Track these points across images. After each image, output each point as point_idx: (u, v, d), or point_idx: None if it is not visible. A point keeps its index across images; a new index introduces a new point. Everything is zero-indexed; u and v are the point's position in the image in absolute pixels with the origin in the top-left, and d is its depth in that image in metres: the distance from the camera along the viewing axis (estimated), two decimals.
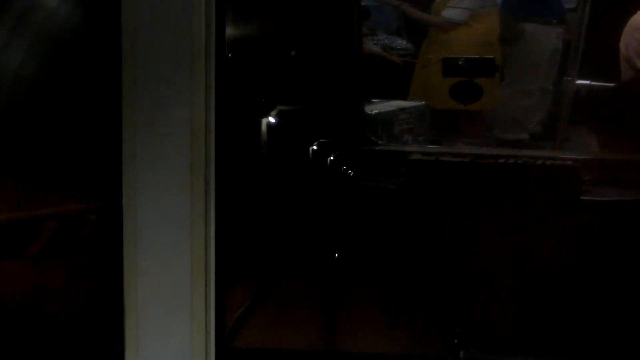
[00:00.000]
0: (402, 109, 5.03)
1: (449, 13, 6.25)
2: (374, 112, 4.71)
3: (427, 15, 6.48)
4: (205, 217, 2.30)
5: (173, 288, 2.31)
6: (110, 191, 2.37)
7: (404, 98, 5.56)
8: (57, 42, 3.10)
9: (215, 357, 2.35)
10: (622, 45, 4.39)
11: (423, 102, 5.37)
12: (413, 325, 3.54)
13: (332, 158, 3.67)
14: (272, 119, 3.70)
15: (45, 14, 3.15)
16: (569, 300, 3.48)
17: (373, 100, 5.00)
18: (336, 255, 3.62)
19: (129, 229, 2.30)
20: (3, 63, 3.02)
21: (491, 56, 5.27)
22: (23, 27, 3.04)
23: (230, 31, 2.71)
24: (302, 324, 3.54)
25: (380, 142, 3.99)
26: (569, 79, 5.60)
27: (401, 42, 7.15)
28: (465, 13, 6.23)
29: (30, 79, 3.06)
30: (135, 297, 2.31)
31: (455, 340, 2.76)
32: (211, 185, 2.31)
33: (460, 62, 4.59)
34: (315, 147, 3.63)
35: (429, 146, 5.00)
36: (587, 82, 5.26)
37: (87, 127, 2.97)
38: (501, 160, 3.65)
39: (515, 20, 6.49)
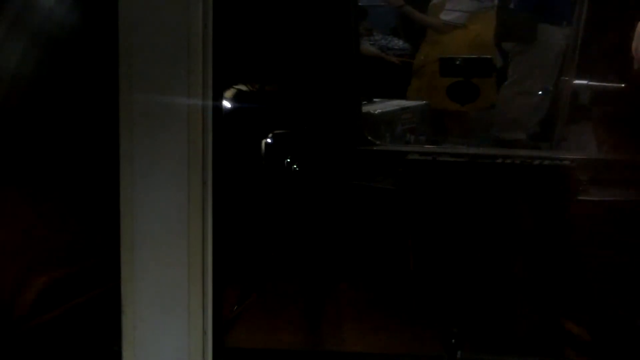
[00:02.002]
0: (404, 109, 5.05)
1: (447, 16, 6.25)
2: (376, 111, 4.73)
3: (428, 17, 6.47)
4: (202, 217, 2.30)
5: (170, 288, 2.30)
6: None
7: (402, 98, 5.57)
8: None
9: (213, 357, 2.35)
10: (633, 47, 4.38)
11: (425, 102, 5.38)
12: (410, 325, 3.55)
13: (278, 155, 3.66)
14: (267, 119, 3.70)
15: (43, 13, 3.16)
16: (566, 300, 3.48)
17: (375, 99, 5.02)
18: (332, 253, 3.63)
19: (126, 228, 2.30)
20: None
21: (489, 56, 5.28)
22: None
23: (227, 31, 2.70)
24: (299, 324, 3.54)
25: (378, 142, 3.99)
26: (566, 79, 5.60)
27: (398, 42, 7.16)
28: (464, 16, 6.23)
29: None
30: (133, 296, 2.31)
31: (453, 340, 2.75)
32: (208, 185, 2.31)
33: (457, 62, 4.60)
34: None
35: (427, 146, 5.00)
36: (585, 82, 5.26)
37: None
38: (499, 160, 3.66)
39: (527, 20, 6.48)
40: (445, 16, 6.26)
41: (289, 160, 3.58)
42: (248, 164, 3.61)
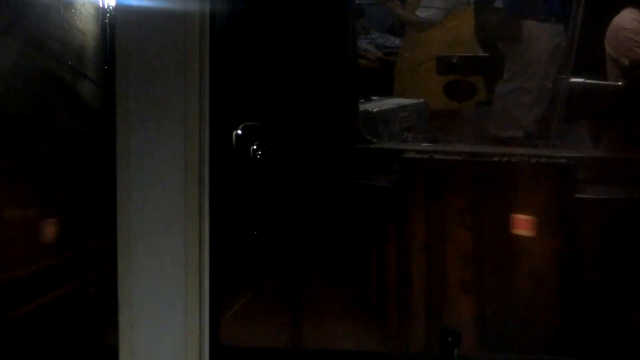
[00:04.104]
0: (402, 107, 5.06)
1: (423, 13, 6.26)
2: (374, 109, 4.73)
3: (406, 13, 6.47)
4: (199, 216, 2.30)
5: (167, 287, 2.31)
6: None
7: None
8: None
9: (209, 355, 2.35)
10: (607, 45, 4.42)
11: (422, 100, 5.39)
12: (406, 324, 3.55)
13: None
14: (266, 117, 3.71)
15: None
16: (564, 298, 3.49)
17: (373, 98, 5.03)
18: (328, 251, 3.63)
19: (122, 227, 2.30)
20: None
21: (468, 54, 5.30)
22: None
23: (224, 29, 2.70)
24: (297, 322, 3.55)
25: (374, 140, 4.00)
26: (563, 77, 5.59)
27: (394, 41, 7.16)
28: (440, 13, 6.23)
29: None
30: (129, 295, 2.31)
31: (450, 339, 2.75)
32: (205, 184, 2.31)
33: (454, 60, 4.61)
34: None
35: (424, 144, 5.00)
36: (581, 80, 5.25)
37: None
38: (495, 159, 3.66)
39: (514, 18, 6.47)
40: (421, 13, 6.26)
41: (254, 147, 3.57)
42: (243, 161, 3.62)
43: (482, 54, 5.77)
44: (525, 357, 3.38)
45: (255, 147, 3.58)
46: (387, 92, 5.54)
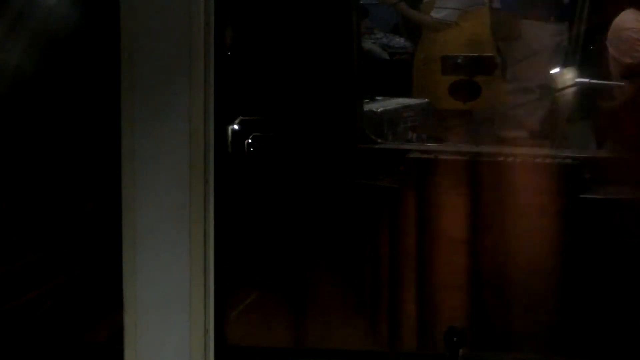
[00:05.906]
0: (406, 107, 5.06)
1: (437, 14, 6.28)
2: (378, 109, 4.74)
3: (420, 14, 6.49)
4: (204, 215, 2.31)
5: (172, 286, 2.31)
6: None
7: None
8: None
9: (214, 355, 2.35)
10: (609, 45, 4.44)
11: (427, 100, 5.40)
12: (407, 322, 3.56)
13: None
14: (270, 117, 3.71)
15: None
16: (566, 297, 3.49)
17: (377, 97, 5.03)
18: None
19: (128, 227, 2.30)
20: None
21: (487, 54, 5.29)
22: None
23: (229, 28, 2.71)
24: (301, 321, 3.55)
25: (379, 140, 3.99)
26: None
27: (399, 40, 7.16)
28: (454, 13, 6.24)
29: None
30: (134, 295, 2.31)
31: (455, 339, 2.76)
32: (210, 183, 2.31)
33: (458, 60, 4.60)
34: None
35: (428, 144, 5.00)
36: (586, 80, 5.25)
37: None
38: (500, 158, 3.66)
39: (514, 18, 6.48)
40: (436, 14, 6.28)
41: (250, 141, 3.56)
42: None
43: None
44: (525, 357, 3.38)
45: (252, 143, 3.58)
46: (392, 92, 5.53)
